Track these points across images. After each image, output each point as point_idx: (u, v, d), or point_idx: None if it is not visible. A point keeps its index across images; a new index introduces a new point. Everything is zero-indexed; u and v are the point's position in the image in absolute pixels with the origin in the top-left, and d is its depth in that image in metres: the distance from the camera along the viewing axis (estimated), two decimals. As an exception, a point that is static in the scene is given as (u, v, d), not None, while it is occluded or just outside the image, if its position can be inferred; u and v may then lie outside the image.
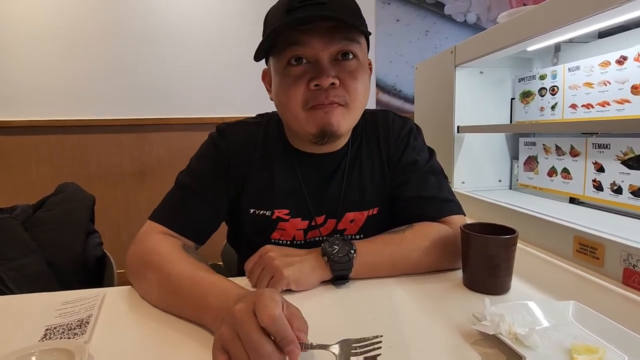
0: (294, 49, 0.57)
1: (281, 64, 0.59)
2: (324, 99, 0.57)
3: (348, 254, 0.57)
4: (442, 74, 1.19)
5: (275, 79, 0.62)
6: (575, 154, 0.91)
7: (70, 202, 1.02)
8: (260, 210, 0.69)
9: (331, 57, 0.58)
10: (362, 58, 0.61)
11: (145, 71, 2.06)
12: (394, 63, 2.43)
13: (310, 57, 0.57)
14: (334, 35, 0.57)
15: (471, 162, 1.16)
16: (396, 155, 0.71)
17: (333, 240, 0.59)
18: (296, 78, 0.58)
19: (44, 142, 2.01)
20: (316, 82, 0.56)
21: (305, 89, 0.58)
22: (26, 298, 0.59)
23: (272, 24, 0.59)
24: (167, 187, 0.70)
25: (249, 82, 2.10)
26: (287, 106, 0.60)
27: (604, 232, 0.65)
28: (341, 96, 0.58)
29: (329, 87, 0.56)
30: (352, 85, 0.59)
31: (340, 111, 0.59)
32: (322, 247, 0.58)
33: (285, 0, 0.58)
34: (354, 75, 0.59)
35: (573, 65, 0.92)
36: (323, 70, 0.56)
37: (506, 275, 0.56)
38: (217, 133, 0.71)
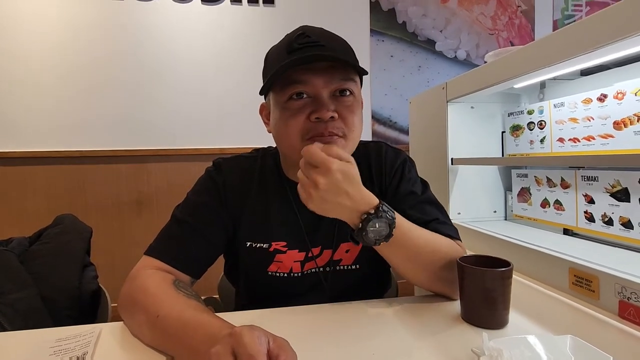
0: (297, 87, 0.60)
1: (282, 98, 0.62)
2: (324, 130, 0.60)
3: (389, 226, 0.56)
4: (435, 108, 1.24)
5: (275, 112, 0.64)
6: (566, 185, 0.94)
7: (67, 234, 1.02)
8: (257, 243, 0.69)
9: (330, 93, 0.61)
10: (358, 94, 0.65)
11: (144, 102, 2.09)
12: (389, 96, 2.52)
13: (311, 93, 0.61)
14: (333, 74, 0.60)
15: (466, 193, 1.18)
16: (392, 185, 0.72)
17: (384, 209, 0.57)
18: (297, 110, 0.61)
19: (41, 173, 2.01)
20: (317, 115, 0.59)
21: (305, 121, 0.60)
22: (19, 335, 0.58)
23: (274, 63, 0.63)
24: (164, 218, 0.71)
25: (246, 114, 2.15)
26: (287, 136, 0.62)
27: (597, 264, 0.66)
28: (340, 128, 0.61)
29: (329, 120, 0.59)
30: (349, 119, 0.62)
31: (339, 142, 0.61)
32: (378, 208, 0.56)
33: (286, 42, 0.62)
34: (351, 110, 0.62)
35: (558, 102, 0.97)
36: (324, 105, 0.59)
37: (503, 309, 0.56)
38: (214, 167, 0.73)
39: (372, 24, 2.43)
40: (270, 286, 0.70)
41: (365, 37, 2.43)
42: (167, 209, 0.66)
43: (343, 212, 0.56)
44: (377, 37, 2.45)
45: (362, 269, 0.71)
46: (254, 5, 2.19)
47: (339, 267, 0.71)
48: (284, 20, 2.23)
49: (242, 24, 2.18)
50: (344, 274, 0.71)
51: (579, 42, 0.68)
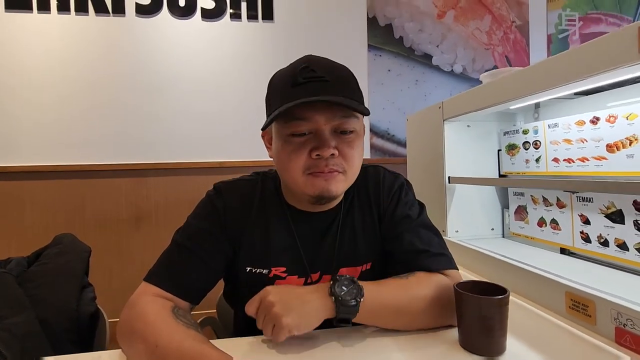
0: (298, 124, 0.61)
1: (284, 132, 0.63)
2: (324, 167, 0.61)
3: (356, 296, 0.57)
4: (432, 126, 1.26)
5: (277, 143, 0.65)
6: (562, 205, 0.95)
7: (66, 254, 1.02)
8: (257, 269, 0.70)
9: (331, 130, 0.62)
10: (359, 129, 0.66)
11: (143, 116, 2.10)
12: (386, 110, 2.54)
13: (313, 129, 0.62)
14: (335, 112, 0.61)
15: (464, 211, 1.19)
16: (388, 210, 0.73)
17: (342, 280, 0.59)
18: (298, 146, 0.62)
19: (40, 188, 2.01)
20: (318, 152, 0.60)
21: (307, 157, 0.61)
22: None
23: (278, 94, 0.64)
24: (163, 233, 0.71)
25: (246, 128, 2.17)
26: (288, 170, 0.64)
27: (594, 288, 0.67)
28: (339, 165, 0.62)
29: (329, 157, 0.61)
30: (349, 155, 0.63)
31: (339, 178, 0.63)
32: (329, 285, 0.58)
33: (290, 74, 0.63)
34: (352, 146, 0.64)
35: (552, 123, 0.98)
36: (324, 142, 0.60)
37: (501, 336, 0.57)
38: (214, 191, 0.73)
39: (369, 39, 2.47)
40: None
41: (363, 52, 2.47)
42: (166, 224, 0.66)
43: (316, 308, 0.57)
44: (374, 52, 2.49)
45: None
46: (254, 21, 2.22)
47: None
48: (283, 36, 2.26)
49: (242, 39, 2.21)
50: None
51: (573, 68, 0.69)
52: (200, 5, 2.13)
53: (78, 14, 2.02)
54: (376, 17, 2.47)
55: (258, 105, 2.11)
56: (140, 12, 2.08)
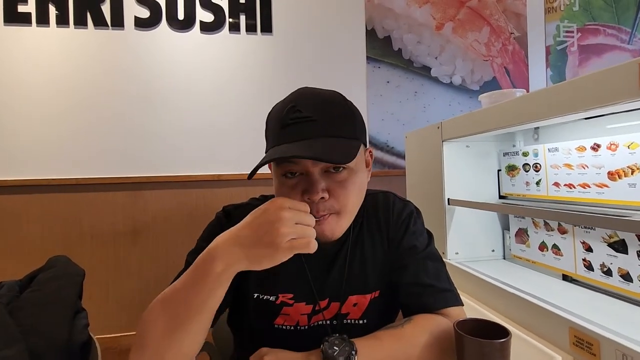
0: (287, 166, 0.61)
1: (278, 172, 0.62)
2: (315, 212, 0.59)
3: (349, 355, 0.56)
4: (431, 145, 1.25)
5: (275, 181, 0.65)
6: (563, 231, 0.93)
7: (59, 279, 1.00)
8: (264, 295, 0.69)
9: (321, 171, 0.61)
10: (355, 163, 0.62)
11: (140, 130, 2.09)
12: (385, 121, 2.54)
13: (303, 171, 0.60)
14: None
15: (464, 232, 1.18)
16: (396, 238, 0.72)
17: (332, 340, 0.58)
18: (291, 188, 0.61)
19: (36, 201, 2.00)
20: (307, 196, 0.59)
21: (300, 198, 0.60)
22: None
23: (270, 132, 0.63)
24: (160, 246, 0.70)
25: (243, 140, 2.16)
26: None
27: (598, 324, 0.65)
28: (331, 208, 0.61)
29: (319, 200, 0.59)
30: (342, 195, 0.61)
31: (332, 219, 0.61)
32: (321, 349, 0.57)
33: (281, 115, 0.61)
34: (344, 186, 0.61)
35: (552, 147, 0.97)
36: (313, 185, 0.59)
37: (503, 380, 0.55)
38: (224, 214, 0.73)
39: (368, 51, 2.47)
40: (276, 338, 0.68)
41: (361, 63, 2.47)
42: (162, 237, 0.65)
43: None
44: (373, 64, 2.49)
45: (369, 324, 0.70)
46: (252, 34, 2.22)
47: (346, 320, 0.70)
48: (282, 49, 2.26)
49: (241, 52, 2.21)
50: (351, 328, 0.70)
51: (573, 100, 0.68)
52: (199, 18, 2.13)
53: (77, 27, 2.01)
54: (375, 29, 2.47)
55: (256, 118, 2.11)
56: (139, 25, 2.08)
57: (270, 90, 2.21)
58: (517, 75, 2.66)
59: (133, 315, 2.01)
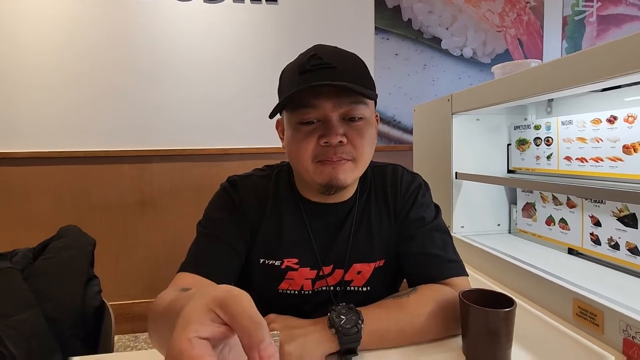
0: (306, 111, 0.61)
1: (293, 120, 0.63)
2: (332, 155, 0.60)
3: (356, 324, 0.56)
4: (440, 119, 1.22)
5: (288, 132, 0.65)
6: (572, 205, 0.92)
7: (70, 249, 1.03)
8: (269, 260, 0.70)
9: (340, 117, 0.61)
10: (369, 115, 0.64)
11: (147, 102, 2.08)
12: (393, 95, 2.48)
13: (321, 117, 0.61)
14: (342, 98, 0.60)
15: (470, 206, 1.17)
16: (404, 210, 0.72)
17: (339, 309, 0.58)
18: (307, 134, 0.61)
19: (45, 173, 2.02)
20: (325, 140, 0.60)
21: (315, 144, 0.61)
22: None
23: (287, 83, 0.64)
24: (167, 217, 0.71)
25: (249, 113, 2.13)
26: (298, 159, 0.63)
27: (603, 296, 0.65)
28: (348, 153, 0.61)
29: (337, 144, 0.60)
30: (359, 143, 0.62)
31: (348, 166, 0.62)
32: (328, 317, 0.58)
33: (298, 63, 0.62)
34: (361, 134, 0.62)
35: (566, 120, 0.94)
36: (332, 129, 0.59)
37: (507, 348, 0.56)
38: (229, 184, 0.73)
39: (376, 21, 2.38)
40: (280, 303, 0.70)
41: (369, 35, 2.39)
42: (169, 209, 0.66)
43: (318, 341, 0.56)
44: (381, 35, 2.40)
45: (372, 291, 0.71)
46: (257, 3, 2.15)
47: (349, 287, 0.71)
48: (287, 19, 2.19)
49: (245, 22, 2.14)
50: (354, 295, 0.71)
51: (590, 70, 0.66)
52: (202, -14, 2.06)
53: (77, -5, 1.96)
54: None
55: (261, 91, 2.08)
56: (141, -7, 2.01)
57: (274, 63, 2.15)
58: (530, 48, 2.56)
59: (143, 284, 2.07)
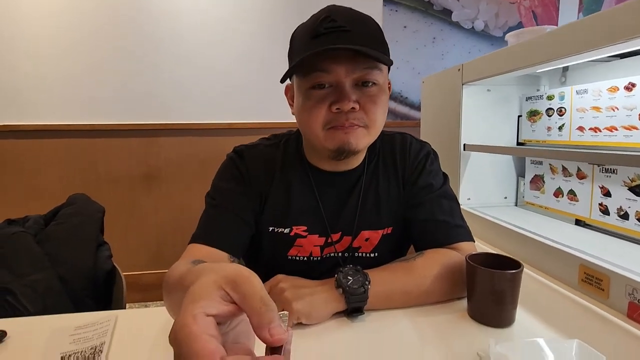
0: (318, 76, 0.59)
1: (305, 86, 0.61)
2: (344, 121, 0.59)
3: (363, 284, 0.57)
4: (449, 90, 1.20)
5: (298, 98, 0.64)
6: (582, 176, 0.91)
7: (80, 215, 1.04)
8: (279, 228, 0.71)
9: (353, 83, 0.60)
10: (383, 82, 0.63)
11: (154, 76, 2.07)
12: (400, 70, 2.43)
13: (333, 82, 0.59)
14: (356, 63, 0.59)
15: (477, 178, 1.16)
16: (412, 177, 0.72)
17: (346, 271, 0.59)
18: (318, 100, 0.60)
19: (53, 146, 2.04)
20: (337, 106, 0.58)
21: (326, 111, 0.60)
22: (40, 321, 0.60)
23: (299, 47, 0.62)
24: (175, 191, 0.71)
25: (256, 88, 2.11)
26: (309, 125, 0.62)
27: (609, 262, 0.65)
28: (361, 119, 0.60)
29: (350, 110, 0.59)
30: (371, 110, 0.61)
31: (360, 132, 0.61)
32: (335, 278, 0.58)
33: (311, 26, 0.60)
34: (374, 100, 0.61)
35: (581, 89, 0.92)
36: (345, 95, 0.58)
37: (511, 309, 0.57)
38: (236, 154, 0.73)
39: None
40: (289, 269, 0.70)
41: (377, 6, 2.31)
42: (177, 183, 0.66)
43: (325, 300, 0.57)
44: (390, 7, 2.33)
45: (379, 257, 0.72)
46: (263, -31, 2.08)
47: (357, 254, 0.72)
48: (294, -12, 2.12)
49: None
50: (362, 261, 0.72)
51: (607, 32, 0.63)
52: (204, -47, 1.99)
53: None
54: (394, -33, 2.28)
55: (269, 67, 2.04)
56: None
57: (280, 37, 2.10)
58: (545, 20, 2.47)
59: (152, 255, 2.12)
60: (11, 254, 0.84)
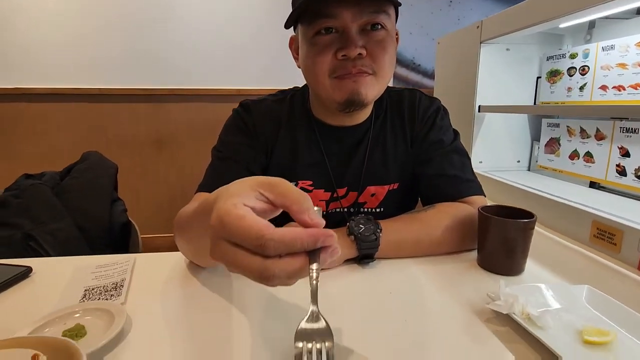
0: (324, 21, 0.57)
1: (310, 32, 0.59)
2: (352, 68, 0.58)
3: (374, 232, 0.58)
4: (466, 49, 1.15)
5: (303, 47, 0.62)
6: (601, 137, 0.89)
7: (94, 170, 1.06)
8: None
9: (359, 28, 0.58)
10: (391, 28, 0.61)
11: (162, 41, 2.04)
12: (414, 35, 2.34)
13: (339, 27, 0.58)
14: (363, 6, 0.56)
15: (490, 141, 1.15)
16: (421, 133, 0.71)
17: (358, 219, 0.60)
18: (324, 47, 0.58)
19: (64, 110, 2.04)
20: (344, 52, 0.57)
21: (332, 58, 0.58)
22: (63, 260, 0.63)
23: None
24: (185, 156, 0.72)
25: (265, 54, 2.07)
26: (314, 74, 0.61)
27: (624, 218, 0.65)
28: (369, 66, 0.59)
29: (356, 57, 0.57)
30: (379, 56, 0.59)
31: (369, 80, 0.59)
32: (347, 225, 0.59)
33: None
34: (382, 46, 0.59)
35: (607, 44, 0.88)
36: (351, 41, 0.56)
37: (522, 258, 0.57)
38: (242, 108, 0.72)
39: (401, -50, 2.18)
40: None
41: (393, -35, 2.20)
42: (186, 149, 0.66)
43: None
44: (406, -33, 2.21)
45: (385, 213, 0.73)
46: None
47: (363, 209, 0.73)
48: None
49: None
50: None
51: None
52: None
53: None
54: None
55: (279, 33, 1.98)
56: None
57: None
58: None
59: (163, 219, 2.16)
60: (31, 203, 0.87)
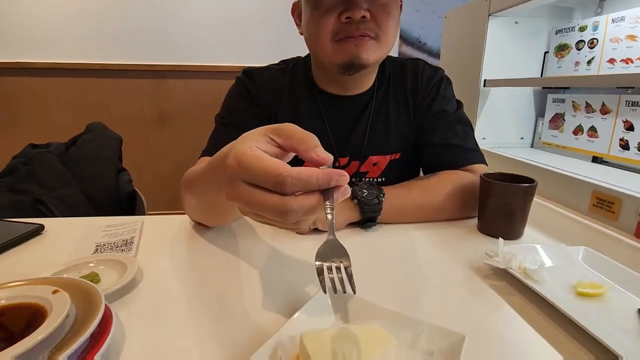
0: None
1: None
2: (354, 31, 0.58)
3: (377, 197, 0.59)
4: (474, 23, 1.14)
5: (306, 11, 0.62)
6: (606, 111, 0.89)
7: (99, 141, 1.07)
8: None
9: None
10: None
11: (165, 17, 2.00)
12: (420, 12, 2.29)
13: None
14: None
15: (494, 117, 1.14)
16: (425, 103, 0.71)
17: (362, 184, 0.61)
18: (327, 9, 0.58)
19: (65, 85, 2.03)
20: (347, 14, 0.56)
21: (335, 20, 0.58)
22: (73, 221, 0.64)
23: None
24: (188, 132, 0.73)
25: (267, 30, 2.04)
26: (317, 37, 0.61)
27: (622, 187, 0.66)
28: (372, 29, 0.58)
29: (360, 19, 0.57)
30: (383, 20, 0.58)
31: (371, 44, 0.59)
32: (351, 190, 0.60)
33: None
34: (387, 10, 0.59)
35: (618, 16, 0.86)
36: (355, 3, 0.56)
37: (521, 223, 0.58)
38: (245, 76, 0.72)
39: None
40: None
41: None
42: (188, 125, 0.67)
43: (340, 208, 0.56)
44: (414, -61, 2.15)
45: (386, 182, 0.73)
46: None
47: (365, 178, 0.73)
48: None
49: None
50: None
51: None
52: None
53: None
54: None
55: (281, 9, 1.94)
56: None
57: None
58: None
59: (167, 196, 2.18)
60: (39, 170, 0.88)
